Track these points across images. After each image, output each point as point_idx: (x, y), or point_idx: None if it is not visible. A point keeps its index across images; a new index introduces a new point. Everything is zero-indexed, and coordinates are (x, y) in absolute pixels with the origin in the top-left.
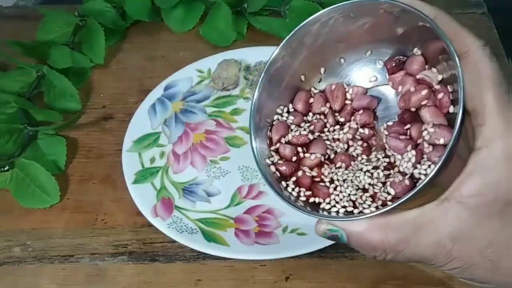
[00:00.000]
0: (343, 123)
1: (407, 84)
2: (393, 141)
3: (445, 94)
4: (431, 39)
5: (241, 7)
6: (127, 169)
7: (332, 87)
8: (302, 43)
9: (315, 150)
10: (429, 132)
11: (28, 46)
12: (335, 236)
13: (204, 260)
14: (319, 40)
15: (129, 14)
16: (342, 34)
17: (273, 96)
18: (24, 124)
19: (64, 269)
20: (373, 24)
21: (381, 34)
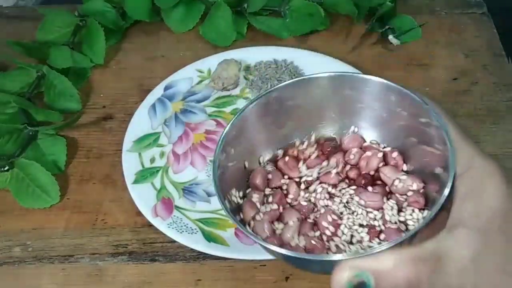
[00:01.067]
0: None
1: (359, 152)
2: (368, 195)
3: (397, 153)
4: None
5: (241, 7)
6: (127, 169)
7: (286, 160)
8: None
9: (289, 218)
10: (401, 180)
11: (28, 46)
12: (361, 284)
13: (204, 260)
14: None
15: (129, 14)
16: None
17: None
18: (24, 124)
19: (64, 269)
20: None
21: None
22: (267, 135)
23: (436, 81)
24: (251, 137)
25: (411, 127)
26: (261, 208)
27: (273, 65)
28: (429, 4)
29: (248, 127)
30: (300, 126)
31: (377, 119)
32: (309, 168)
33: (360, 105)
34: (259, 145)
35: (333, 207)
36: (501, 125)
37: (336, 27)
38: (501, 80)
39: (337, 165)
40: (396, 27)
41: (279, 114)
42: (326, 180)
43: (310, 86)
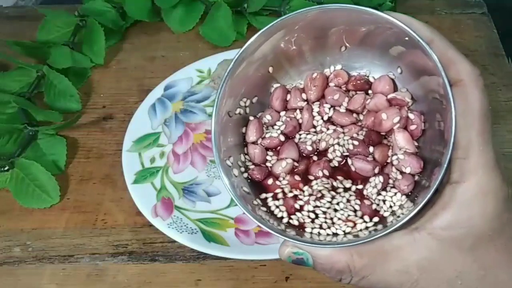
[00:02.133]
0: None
1: (379, 106)
2: (359, 163)
3: (418, 125)
4: (421, 62)
5: (241, 7)
6: (127, 169)
7: (313, 75)
8: (287, 32)
9: (286, 155)
10: (398, 158)
11: (28, 46)
12: (300, 260)
13: (204, 260)
14: (303, 33)
15: (129, 14)
16: (331, 31)
17: (238, 88)
18: (24, 124)
19: (64, 269)
20: (366, 33)
21: (371, 44)
22: (290, 52)
23: None
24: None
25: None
26: (267, 131)
27: None
28: (429, 4)
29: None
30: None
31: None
32: (327, 101)
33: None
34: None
35: (327, 157)
36: (501, 125)
37: None
38: (501, 80)
39: (354, 109)
40: None
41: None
42: (339, 121)
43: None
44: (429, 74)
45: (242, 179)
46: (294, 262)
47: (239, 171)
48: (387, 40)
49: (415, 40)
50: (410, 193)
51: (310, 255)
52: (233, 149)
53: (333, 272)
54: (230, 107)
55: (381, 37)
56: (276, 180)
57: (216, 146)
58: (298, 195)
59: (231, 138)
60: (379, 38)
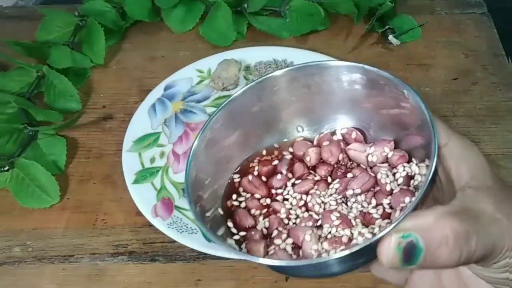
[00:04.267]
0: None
1: (313, 151)
2: (357, 182)
3: (354, 131)
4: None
5: (241, 7)
6: (127, 169)
7: (249, 179)
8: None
9: (303, 232)
10: (371, 153)
11: (28, 46)
12: (411, 245)
13: (204, 260)
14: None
15: (129, 14)
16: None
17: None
18: (24, 124)
19: (64, 269)
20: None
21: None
22: (236, 144)
23: (436, 81)
24: (221, 149)
25: (383, 105)
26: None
27: (273, 65)
28: (429, 4)
29: (217, 139)
30: (259, 134)
31: (347, 105)
32: (273, 184)
33: (322, 96)
34: (230, 156)
35: (328, 207)
36: (501, 125)
37: (336, 27)
38: (501, 80)
39: (301, 174)
40: (396, 27)
41: (244, 121)
42: (301, 189)
43: (263, 90)
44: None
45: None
46: (405, 254)
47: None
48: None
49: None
50: (409, 161)
51: (418, 234)
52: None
53: (451, 240)
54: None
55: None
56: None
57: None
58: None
59: (220, 232)
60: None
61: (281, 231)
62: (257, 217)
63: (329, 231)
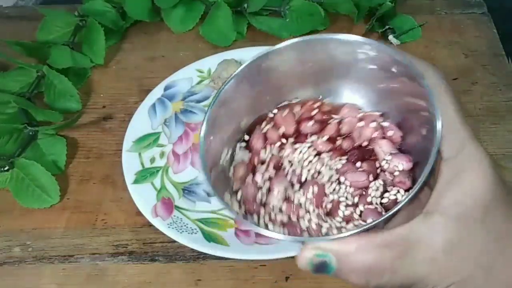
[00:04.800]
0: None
1: (353, 126)
2: (352, 176)
3: (395, 130)
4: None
5: (241, 7)
6: (127, 169)
7: (283, 114)
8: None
9: (277, 185)
10: (387, 161)
11: (28, 46)
12: (323, 264)
13: (204, 260)
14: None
15: (129, 14)
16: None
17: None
18: (24, 124)
19: (64, 269)
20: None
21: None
22: (254, 101)
23: None
24: (240, 103)
25: (403, 98)
26: (256, 169)
27: None
28: (429, 4)
29: (236, 95)
30: (284, 93)
31: (369, 84)
32: (303, 132)
33: (349, 68)
34: (251, 110)
35: (319, 178)
36: (501, 125)
37: (336, 27)
38: (501, 80)
39: (330, 135)
40: (396, 27)
41: (265, 81)
42: (317, 147)
43: (292, 52)
44: (402, 89)
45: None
46: (316, 268)
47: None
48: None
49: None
50: (410, 188)
51: (333, 256)
52: (227, 190)
53: (361, 272)
54: (215, 159)
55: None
56: (273, 210)
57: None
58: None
59: (222, 182)
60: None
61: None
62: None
63: (299, 198)
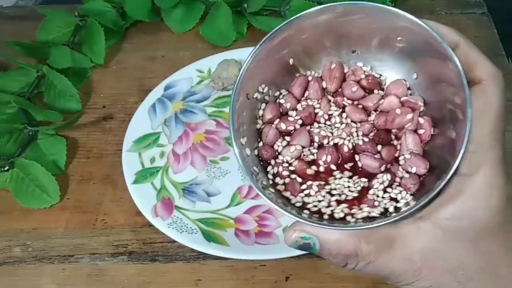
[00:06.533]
0: (336, 109)
1: (393, 106)
2: (367, 160)
3: (426, 130)
4: (439, 69)
5: (241, 7)
6: (127, 169)
7: (332, 66)
8: (309, 27)
9: (297, 141)
10: (405, 158)
11: (28, 46)
12: (307, 245)
13: (204, 260)
14: (322, 29)
15: (129, 14)
16: (351, 30)
17: (259, 74)
18: (24, 124)
19: (64, 269)
20: (387, 33)
21: (390, 46)
22: (310, 44)
23: None
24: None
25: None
26: (286, 114)
27: None
28: (429, 4)
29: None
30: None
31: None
32: (345, 93)
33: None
34: (304, 50)
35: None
36: None
37: None
38: None
39: (367, 106)
40: None
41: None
42: (352, 116)
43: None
44: (446, 82)
45: (253, 158)
46: (300, 247)
47: (252, 151)
48: (409, 44)
49: (440, 45)
50: (415, 193)
51: (317, 240)
52: (248, 131)
53: (339, 257)
54: (249, 90)
55: (403, 40)
56: (283, 163)
57: (233, 123)
58: (303, 180)
59: (246, 119)
60: (400, 41)
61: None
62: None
63: (311, 160)
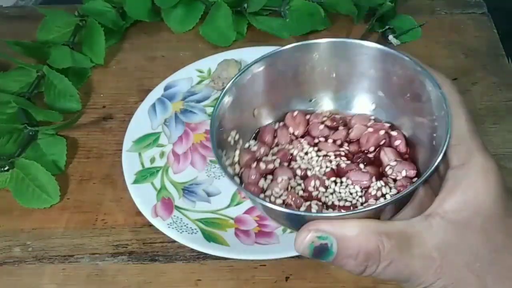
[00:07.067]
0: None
1: (362, 131)
2: (355, 175)
3: (401, 140)
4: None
5: (241, 7)
6: (127, 169)
7: (294, 114)
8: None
9: (281, 175)
10: (391, 166)
11: (28, 46)
12: (323, 247)
13: (204, 260)
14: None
15: (129, 14)
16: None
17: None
18: (24, 124)
19: (64, 269)
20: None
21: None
22: (270, 96)
23: None
24: (256, 94)
25: (415, 105)
26: (261, 159)
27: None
28: (429, 4)
29: (252, 85)
30: (301, 93)
31: (382, 91)
32: (312, 134)
33: (362, 74)
34: (266, 101)
35: (320, 172)
36: (501, 125)
37: (336, 27)
38: (501, 80)
39: (338, 139)
40: (396, 27)
41: (284, 77)
42: (324, 148)
43: (309, 52)
44: (414, 89)
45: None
46: (315, 252)
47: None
48: (370, 75)
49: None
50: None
51: (335, 240)
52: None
53: (360, 258)
54: (223, 134)
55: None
56: (272, 195)
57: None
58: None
59: (226, 160)
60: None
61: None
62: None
63: (300, 190)
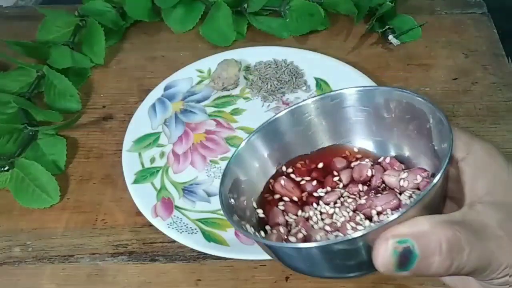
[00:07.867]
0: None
1: (347, 176)
2: (381, 200)
3: (389, 156)
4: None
5: (241, 7)
6: (127, 169)
7: (282, 183)
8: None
9: (315, 235)
10: (404, 179)
11: (28, 46)
12: (408, 250)
13: (204, 260)
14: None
15: (129, 14)
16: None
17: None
18: (24, 124)
19: (64, 269)
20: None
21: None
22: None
23: (436, 81)
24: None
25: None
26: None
27: (273, 65)
28: (429, 4)
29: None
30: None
31: (369, 129)
32: (308, 191)
33: (350, 120)
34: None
35: (346, 218)
36: (501, 125)
37: (336, 27)
38: (501, 80)
39: (332, 186)
40: (396, 27)
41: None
42: (329, 198)
43: (301, 113)
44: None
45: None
46: (401, 259)
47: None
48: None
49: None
50: None
51: (414, 240)
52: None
53: (444, 252)
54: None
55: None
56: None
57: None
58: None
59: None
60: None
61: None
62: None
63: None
